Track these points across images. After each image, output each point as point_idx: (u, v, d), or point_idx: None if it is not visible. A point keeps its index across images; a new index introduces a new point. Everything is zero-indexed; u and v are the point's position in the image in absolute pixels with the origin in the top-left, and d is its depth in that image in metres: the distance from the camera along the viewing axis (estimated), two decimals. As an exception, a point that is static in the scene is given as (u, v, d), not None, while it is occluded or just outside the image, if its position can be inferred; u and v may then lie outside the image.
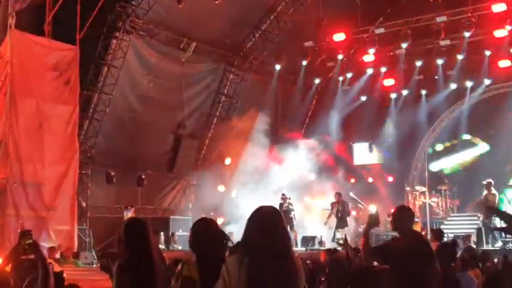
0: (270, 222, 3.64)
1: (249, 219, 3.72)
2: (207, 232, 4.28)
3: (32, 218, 14.00)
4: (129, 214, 14.18)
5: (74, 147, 15.09)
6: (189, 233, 4.33)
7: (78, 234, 15.35)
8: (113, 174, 17.50)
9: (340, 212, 17.14)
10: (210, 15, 17.93)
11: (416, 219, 14.08)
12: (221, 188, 19.63)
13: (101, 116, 17.35)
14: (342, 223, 17.01)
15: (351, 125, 22.09)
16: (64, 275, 7.71)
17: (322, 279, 6.50)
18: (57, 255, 12.78)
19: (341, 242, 13.85)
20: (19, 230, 12.93)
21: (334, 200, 17.55)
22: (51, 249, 12.39)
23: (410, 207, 10.67)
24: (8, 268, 4.63)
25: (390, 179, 21.12)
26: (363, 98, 21.65)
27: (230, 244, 5.22)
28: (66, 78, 14.88)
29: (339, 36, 19.60)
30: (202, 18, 18.10)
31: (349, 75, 21.56)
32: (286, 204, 17.42)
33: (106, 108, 17.34)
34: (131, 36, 17.28)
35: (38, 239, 13.72)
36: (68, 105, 14.93)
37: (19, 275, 4.84)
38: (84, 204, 16.61)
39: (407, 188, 19.93)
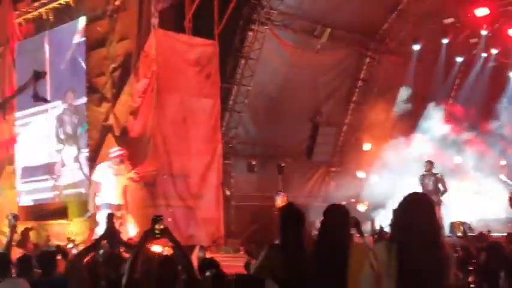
0: (420, 210, 3.57)
1: (398, 206, 3.66)
2: (333, 220, 4.27)
3: (180, 207, 14.76)
4: (279, 199, 14.41)
5: (217, 139, 15.66)
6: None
7: (224, 222, 15.89)
8: (254, 163, 17.93)
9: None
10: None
11: None
12: (361, 174, 19.40)
13: (240, 108, 17.84)
14: None
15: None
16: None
17: (470, 268, 6.27)
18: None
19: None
20: (169, 219, 13.88)
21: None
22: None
23: None
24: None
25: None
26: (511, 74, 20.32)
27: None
28: (207, 72, 15.45)
29: (482, 11, 18.48)
30: (336, 4, 17.94)
31: (494, 51, 20.32)
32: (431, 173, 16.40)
33: (245, 99, 17.80)
34: (266, 27, 17.55)
35: (187, 228, 14.43)
36: (209, 98, 15.51)
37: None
38: (228, 193, 17.16)
39: None
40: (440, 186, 15.48)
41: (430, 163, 15.74)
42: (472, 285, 6.03)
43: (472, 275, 6.20)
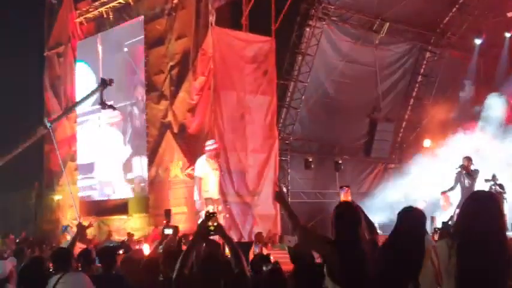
0: (483, 207, 3.47)
1: (463, 204, 3.59)
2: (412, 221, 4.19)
3: (238, 203, 14.82)
4: (342, 194, 14.16)
5: (274, 135, 15.65)
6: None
7: (281, 219, 15.86)
8: (310, 160, 17.83)
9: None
10: (402, -8, 17.41)
11: None
12: (420, 171, 18.98)
13: (297, 104, 17.75)
14: None
15: None
16: (271, 257, 8.10)
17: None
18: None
19: None
20: (227, 215, 13.92)
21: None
22: (259, 234, 12.92)
23: None
24: None
25: None
26: None
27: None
28: (264, 69, 15.44)
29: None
30: (395, -3, 17.63)
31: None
32: (494, 186, 16.24)
33: (302, 96, 17.70)
34: (324, 23, 17.39)
35: (243, 223, 14.42)
36: (266, 95, 15.50)
37: None
38: (285, 190, 17.12)
39: None
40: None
41: (467, 160, 14.96)
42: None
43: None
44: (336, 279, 4.17)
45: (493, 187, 16.20)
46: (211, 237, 5.00)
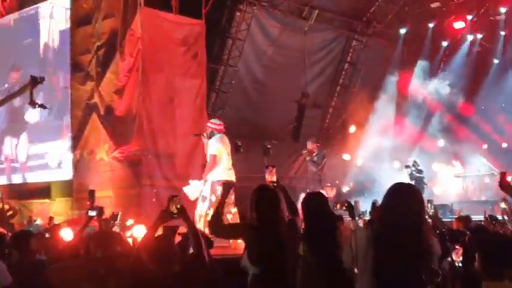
0: (402, 201, 3.54)
1: (383, 197, 3.67)
2: (316, 208, 4.31)
3: (166, 187, 14.63)
4: (267, 173, 14.07)
5: (203, 119, 15.52)
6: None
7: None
8: (240, 144, 17.83)
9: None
10: (331, -19, 17.65)
11: None
12: (346, 157, 19.47)
13: (227, 88, 17.74)
14: None
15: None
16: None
17: (457, 247, 6.29)
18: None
19: None
20: (153, 199, 13.77)
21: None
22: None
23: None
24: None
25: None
26: (495, 61, 20.41)
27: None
28: (194, 52, 15.29)
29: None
30: (324, -15, 17.85)
31: (479, 36, 20.39)
32: (414, 172, 16.89)
33: (232, 80, 17.70)
34: (254, 8, 17.41)
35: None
36: (196, 78, 15.36)
37: None
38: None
39: None
40: None
41: (311, 143, 14.92)
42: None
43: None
44: (255, 261, 4.23)
45: (414, 173, 16.86)
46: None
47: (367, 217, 7.63)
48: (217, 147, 11.16)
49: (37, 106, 9.93)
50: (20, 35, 17.57)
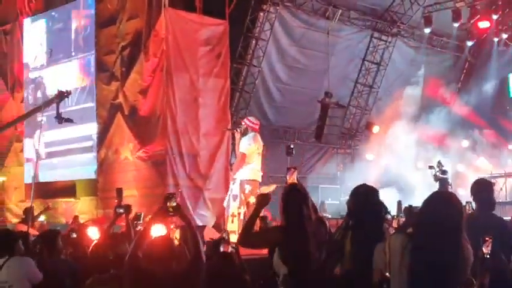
0: (440, 210, 3.45)
1: (424, 206, 3.58)
2: (366, 198, 4.31)
3: (189, 187, 14.74)
4: (288, 175, 14.00)
5: (226, 119, 15.58)
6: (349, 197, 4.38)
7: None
8: (263, 144, 17.84)
9: None
10: (355, -19, 17.58)
11: None
12: (370, 157, 19.39)
13: (250, 88, 17.77)
14: None
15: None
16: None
17: (487, 238, 6.21)
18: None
19: None
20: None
21: None
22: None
23: None
24: None
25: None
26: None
27: (388, 216, 5.16)
28: (217, 52, 15.33)
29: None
30: (348, -15, 17.78)
31: (504, 36, 20.18)
32: (437, 173, 16.66)
33: (255, 80, 17.72)
34: (278, 8, 17.42)
35: (195, 207, 14.24)
36: (219, 78, 15.40)
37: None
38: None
39: None
40: None
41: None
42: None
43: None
44: (286, 261, 4.25)
45: (438, 174, 16.68)
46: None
47: (392, 216, 7.55)
48: (250, 145, 11.04)
49: (63, 121, 9.64)
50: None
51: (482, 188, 5.20)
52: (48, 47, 17.38)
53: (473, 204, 5.44)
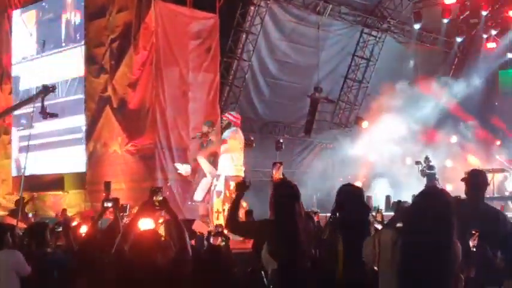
0: (437, 212, 3.43)
1: (414, 202, 3.58)
2: (353, 195, 4.36)
3: (178, 181, 14.70)
4: (274, 170, 14.08)
5: (216, 113, 15.54)
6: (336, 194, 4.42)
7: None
8: (252, 138, 17.86)
9: None
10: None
11: None
12: (359, 152, 19.44)
13: (240, 83, 17.75)
14: None
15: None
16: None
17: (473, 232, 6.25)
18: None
19: None
20: (166, 192, 13.82)
21: None
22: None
23: None
24: None
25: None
26: (510, 55, 20.33)
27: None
28: (207, 46, 15.28)
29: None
30: (338, -20, 17.79)
31: (494, 32, 20.28)
32: (424, 168, 16.75)
33: (245, 74, 17.71)
34: (268, 2, 17.40)
35: (184, 201, 14.19)
36: (209, 72, 15.37)
37: None
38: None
39: None
40: None
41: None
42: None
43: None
44: (276, 255, 4.26)
45: (424, 169, 16.79)
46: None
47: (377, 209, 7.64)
48: (230, 138, 11.13)
49: (48, 116, 9.64)
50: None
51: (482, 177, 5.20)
52: (39, 38, 17.25)
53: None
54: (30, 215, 13.93)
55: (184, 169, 11.94)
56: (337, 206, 4.35)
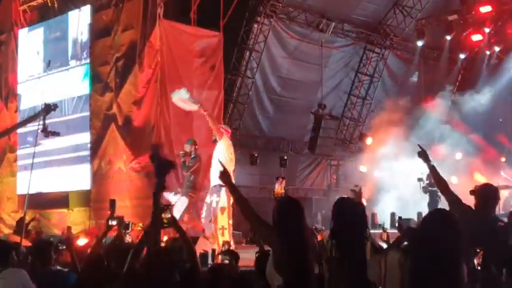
0: (439, 229, 3.41)
1: (421, 223, 3.56)
2: (349, 212, 4.29)
3: (182, 197, 14.70)
4: (277, 185, 14.06)
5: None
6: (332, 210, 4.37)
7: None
8: (256, 155, 17.92)
9: None
10: (348, -7, 17.75)
11: None
12: (363, 168, 19.44)
13: (244, 99, 17.84)
14: None
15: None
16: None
17: (478, 250, 6.21)
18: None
19: None
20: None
21: None
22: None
23: None
24: None
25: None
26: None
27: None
28: (212, 64, 15.37)
29: (486, 8, 18.49)
30: (341, -2, 17.95)
31: (497, 48, 20.35)
32: (425, 186, 16.77)
33: (249, 91, 17.80)
34: (272, 20, 17.54)
35: (189, 219, 14.13)
36: (213, 89, 15.43)
37: None
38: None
39: None
40: None
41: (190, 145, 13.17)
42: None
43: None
44: (283, 270, 4.21)
45: (427, 186, 16.73)
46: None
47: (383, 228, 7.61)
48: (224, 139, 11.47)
49: (50, 135, 9.58)
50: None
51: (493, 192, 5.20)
52: (45, 56, 17.39)
53: None
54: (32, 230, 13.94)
55: (177, 199, 12.09)
56: (335, 225, 4.32)
